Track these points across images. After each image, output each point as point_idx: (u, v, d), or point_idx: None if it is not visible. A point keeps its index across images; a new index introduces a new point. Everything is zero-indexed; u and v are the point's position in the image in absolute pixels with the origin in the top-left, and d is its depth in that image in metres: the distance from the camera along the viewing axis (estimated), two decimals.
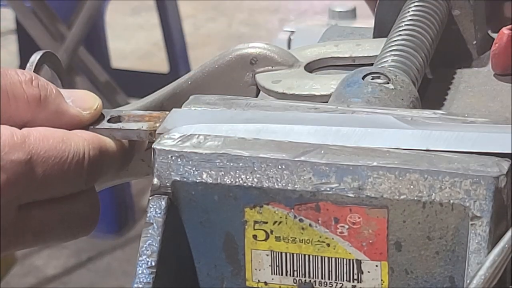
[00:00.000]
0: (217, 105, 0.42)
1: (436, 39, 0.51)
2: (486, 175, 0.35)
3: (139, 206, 1.88)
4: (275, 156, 0.37)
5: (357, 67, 0.48)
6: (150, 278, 0.37)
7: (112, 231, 1.85)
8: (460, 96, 0.50)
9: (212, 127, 0.39)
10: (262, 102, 0.43)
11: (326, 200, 0.36)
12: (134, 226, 1.84)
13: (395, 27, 0.51)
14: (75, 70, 1.79)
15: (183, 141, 0.38)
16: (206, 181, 0.37)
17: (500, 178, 0.35)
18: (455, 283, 0.36)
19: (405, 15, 0.51)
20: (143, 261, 0.37)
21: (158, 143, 0.38)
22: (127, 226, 1.85)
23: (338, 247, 0.36)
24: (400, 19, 0.51)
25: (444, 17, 0.52)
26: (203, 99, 0.43)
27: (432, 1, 0.51)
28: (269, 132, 0.39)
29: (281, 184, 0.36)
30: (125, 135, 0.42)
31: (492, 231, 0.35)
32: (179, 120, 0.40)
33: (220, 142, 0.38)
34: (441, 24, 0.51)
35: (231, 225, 0.37)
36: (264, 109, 0.41)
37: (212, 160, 0.37)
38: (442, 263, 0.36)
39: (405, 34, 0.49)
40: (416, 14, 0.50)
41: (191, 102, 0.42)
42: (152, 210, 0.37)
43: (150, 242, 0.37)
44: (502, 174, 0.35)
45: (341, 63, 0.52)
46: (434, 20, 0.50)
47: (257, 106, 0.42)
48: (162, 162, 0.37)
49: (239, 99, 0.43)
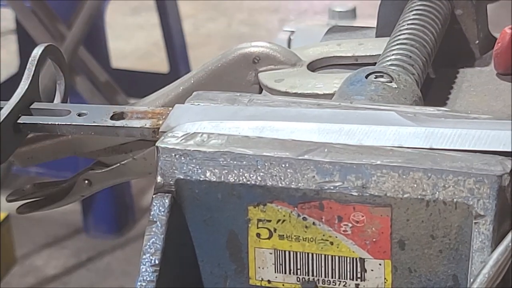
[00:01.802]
0: (220, 101, 0.42)
1: (438, 39, 0.51)
2: (489, 174, 0.35)
3: (139, 206, 1.88)
4: (278, 155, 0.37)
5: (360, 66, 0.48)
6: (153, 276, 0.37)
7: (112, 231, 1.85)
8: (463, 95, 0.50)
9: (215, 125, 0.39)
10: (265, 98, 0.43)
11: (329, 198, 0.36)
12: (134, 226, 1.84)
13: (397, 26, 0.51)
14: (75, 70, 1.79)
15: (187, 140, 0.38)
16: (210, 179, 0.37)
17: (503, 176, 0.34)
18: (458, 281, 0.36)
19: (408, 14, 0.51)
20: (146, 259, 0.37)
21: (161, 142, 0.38)
22: (127, 226, 1.85)
23: (341, 245, 0.36)
24: (403, 19, 0.51)
25: (447, 17, 0.52)
26: (206, 95, 0.43)
27: (435, 0, 0.52)
28: (273, 130, 0.38)
29: (285, 183, 0.36)
30: (128, 133, 0.42)
31: (495, 230, 0.35)
32: (182, 117, 0.40)
33: (224, 141, 0.38)
34: (444, 24, 0.51)
35: (234, 223, 0.37)
36: (267, 105, 0.41)
37: (216, 158, 0.37)
38: (445, 262, 0.36)
39: (407, 34, 0.49)
40: (418, 14, 0.50)
41: (194, 98, 0.42)
42: (156, 208, 0.37)
43: (154, 240, 0.37)
44: (506, 173, 0.35)
45: (343, 62, 0.52)
46: (437, 19, 0.50)
47: (260, 102, 0.42)
48: (165, 161, 0.37)
49: (243, 95, 0.43)
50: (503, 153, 0.36)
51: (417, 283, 0.37)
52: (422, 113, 0.40)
